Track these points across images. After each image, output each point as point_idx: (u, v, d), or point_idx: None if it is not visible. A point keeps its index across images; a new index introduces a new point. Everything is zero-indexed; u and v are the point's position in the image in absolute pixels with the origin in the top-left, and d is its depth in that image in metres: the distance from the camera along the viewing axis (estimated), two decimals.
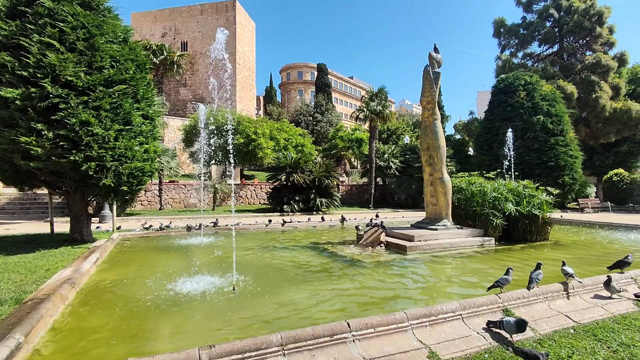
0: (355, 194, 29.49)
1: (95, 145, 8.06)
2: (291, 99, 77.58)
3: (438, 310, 3.81)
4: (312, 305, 4.61)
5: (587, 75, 26.65)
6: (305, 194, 21.71)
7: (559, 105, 19.79)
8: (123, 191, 8.93)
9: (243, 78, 59.38)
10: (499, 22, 32.26)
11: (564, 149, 18.57)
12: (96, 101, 8.23)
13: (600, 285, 4.87)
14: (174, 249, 8.83)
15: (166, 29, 58.54)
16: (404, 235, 8.50)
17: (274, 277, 5.94)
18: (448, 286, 5.68)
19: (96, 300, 4.76)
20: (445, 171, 9.09)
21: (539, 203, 9.27)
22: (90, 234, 10.11)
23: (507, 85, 20.24)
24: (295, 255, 7.86)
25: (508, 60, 31.54)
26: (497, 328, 3.66)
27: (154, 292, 5.05)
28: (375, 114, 24.35)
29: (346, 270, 6.50)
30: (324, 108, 57.42)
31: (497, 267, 6.77)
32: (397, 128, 50.19)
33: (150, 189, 22.71)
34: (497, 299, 4.17)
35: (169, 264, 6.96)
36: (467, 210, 9.68)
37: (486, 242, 8.79)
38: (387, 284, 5.68)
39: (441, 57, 9.47)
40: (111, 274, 6.15)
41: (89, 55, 8.36)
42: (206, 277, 5.79)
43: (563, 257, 7.77)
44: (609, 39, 28.04)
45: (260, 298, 4.84)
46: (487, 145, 20.19)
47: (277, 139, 30.44)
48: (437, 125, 9.13)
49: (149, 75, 10.39)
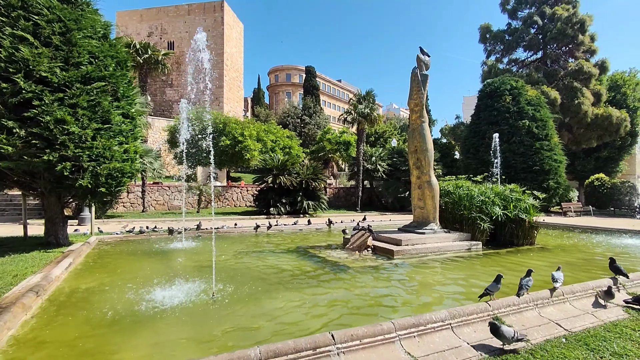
0: (343, 197, 29.36)
1: (72, 144, 7.70)
2: (279, 101, 77.23)
3: (427, 319, 3.64)
4: (295, 314, 4.40)
5: (569, 81, 27.16)
6: (292, 197, 21.44)
7: (544, 110, 20.07)
8: (101, 193, 8.56)
9: (230, 79, 58.81)
10: (485, 28, 32.68)
11: (548, 154, 18.81)
12: (73, 98, 7.88)
13: (590, 291, 4.79)
14: (154, 253, 8.49)
15: (152, 28, 57.59)
16: (392, 239, 8.35)
17: (256, 284, 5.70)
18: (436, 293, 5.53)
19: (63, 310, 4.44)
20: (433, 174, 9.00)
21: (526, 207, 9.26)
22: (66, 237, 9.68)
23: (494, 90, 20.44)
24: (280, 260, 7.62)
25: (494, 66, 31.94)
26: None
27: (127, 300, 4.76)
28: (363, 116, 24.29)
29: (332, 275, 6.30)
30: (312, 110, 57.24)
31: (484, 273, 6.68)
32: (385, 131, 50.45)
33: (133, 190, 22.14)
34: (487, 307, 4.03)
35: (147, 270, 6.64)
36: (455, 213, 9.61)
37: (473, 247, 8.71)
38: (373, 290, 5.49)
39: (429, 59, 9.40)
40: (84, 280, 5.81)
41: (66, 50, 8.00)
42: (185, 284, 5.52)
43: (550, 262, 7.76)
44: (591, 47, 28.66)
45: (240, 306, 4.60)
46: (474, 149, 20.32)
47: (264, 140, 30.10)
48: (425, 128, 9.04)
49: (130, 73, 10.04)
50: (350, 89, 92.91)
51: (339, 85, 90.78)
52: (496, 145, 15.26)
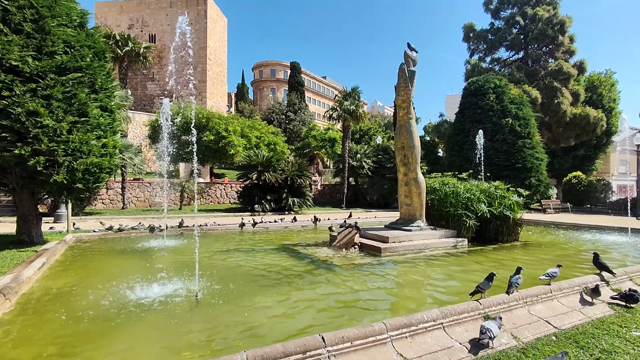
0: (328, 194, 29.27)
1: (45, 138, 7.32)
2: (263, 97, 76.46)
3: (418, 319, 3.56)
4: (282, 315, 4.26)
5: (550, 81, 27.75)
6: (277, 194, 21.21)
7: (526, 109, 20.44)
8: (78, 189, 8.19)
9: (214, 74, 57.81)
10: (468, 27, 33.04)
11: (530, 151, 19.19)
12: (46, 89, 7.48)
13: (577, 288, 4.82)
14: (134, 252, 8.18)
15: (133, 21, 55.98)
16: (378, 237, 8.29)
17: (242, 283, 5.52)
18: (425, 291, 5.48)
19: (33, 313, 4.16)
20: (419, 171, 8.97)
21: (510, 204, 9.35)
22: (40, 235, 9.24)
23: (478, 88, 20.69)
24: (266, 258, 7.45)
25: (477, 65, 32.37)
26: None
27: (105, 302, 4.51)
28: (349, 113, 24.21)
29: (319, 274, 6.18)
30: (297, 107, 56.89)
31: (472, 270, 6.68)
32: (370, 128, 50.60)
33: (113, 186, 21.47)
34: (478, 305, 3.99)
35: (127, 270, 6.37)
36: (440, 210, 9.63)
37: (459, 243, 8.74)
38: (362, 289, 5.40)
39: (416, 55, 9.35)
40: (58, 281, 5.51)
41: (38, 38, 7.59)
42: (167, 284, 5.29)
43: (535, 258, 7.85)
44: (570, 48, 29.36)
45: (225, 307, 4.42)
46: (458, 146, 20.54)
47: (248, 136, 29.67)
48: (412, 125, 9.00)
49: (109, 64, 9.63)
50: (335, 85, 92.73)
51: (324, 82, 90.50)
52: (480, 143, 15.45)
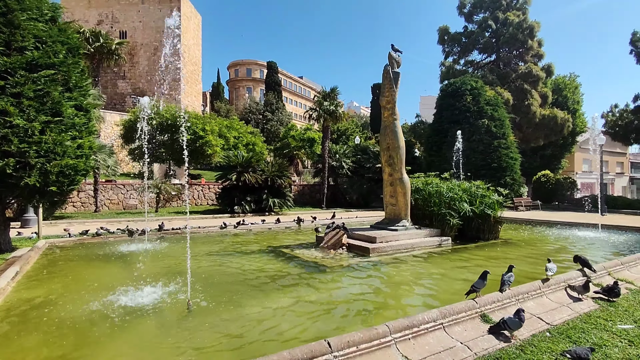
0: (308, 194, 29.19)
1: (15, 138, 6.91)
2: (239, 97, 75.43)
3: (420, 320, 3.57)
4: (279, 321, 4.17)
5: (520, 83, 28.84)
6: (257, 195, 20.95)
7: (501, 110, 21.15)
8: (51, 192, 7.76)
9: (188, 72, 56.46)
10: (443, 29, 33.82)
11: (505, 151, 19.88)
12: (16, 87, 7.06)
13: (562, 284, 4.99)
14: (114, 258, 7.83)
15: (102, 16, 53.81)
16: (366, 237, 8.32)
17: (232, 288, 5.39)
18: (418, 290, 5.51)
19: (6, 331, 3.88)
20: (404, 171, 9.07)
21: (491, 203, 9.62)
22: (8, 241, 8.72)
23: (455, 90, 21.22)
24: (253, 261, 7.31)
25: (451, 67, 33.20)
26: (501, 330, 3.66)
27: (86, 313, 4.27)
28: (329, 113, 24.25)
29: (310, 276, 6.12)
30: (274, 107, 56.45)
31: (460, 267, 6.81)
32: (347, 129, 50.97)
33: (84, 189, 20.55)
34: (475, 304, 4.05)
35: (108, 277, 6.08)
36: (424, 210, 9.78)
37: (444, 242, 8.91)
38: (356, 290, 5.38)
39: (400, 57, 9.45)
40: (33, 292, 5.18)
41: (7, 33, 7.17)
42: (154, 292, 5.08)
43: (517, 255, 8.09)
44: (539, 51, 30.61)
45: (218, 315, 4.29)
46: (437, 146, 21.00)
47: (226, 137, 29.17)
48: (397, 125, 9.08)
49: (82, 61, 9.18)
50: (312, 85, 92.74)
51: (301, 82, 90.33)
52: (459, 143, 15.85)
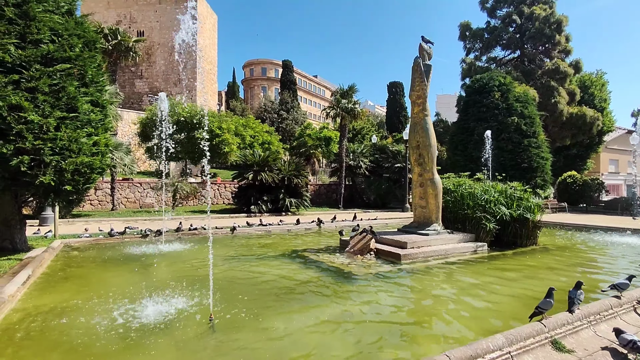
0: (324, 194, 28.69)
1: (30, 135, 6.59)
2: (254, 96, 75.52)
3: (484, 348, 3.01)
4: (316, 340, 3.66)
5: (547, 80, 27.65)
6: (273, 194, 20.55)
7: (531, 107, 20.15)
8: (67, 191, 7.44)
9: (204, 72, 56.64)
10: (464, 25, 32.79)
11: (536, 151, 18.90)
12: (31, 81, 6.74)
13: (635, 302, 4.34)
14: (130, 260, 7.46)
15: (121, 17, 54.42)
16: (395, 242, 7.74)
17: (258, 300, 4.89)
18: (465, 306, 4.83)
19: (17, 345, 3.48)
20: (436, 171, 8.46)
21: (530, 206, 8.91)
22: (24, 241, 8.47)
23: (482, 86, 20.32)
24: (277, 267, 6.83)
25: (473, 64, 32.11)
26: None
27: (101, 326, 3.85)
28: (347, 111, 23.67)
29: (341, 286, 5.58)
30: (289, 105, 56.09)
31: (502, 277, 6.18)
32: (362, 128, 50.26)
33: (102, 187, 20.51)
34: (543, 327, 3.45)
35: (125, 283, 5.68)
36: (456, 213, 9.14)
37: (479, 248, 8.25)
38: (393, 304, 4.82)
39: (432, 48, 8.83)
40: (46, 299, 4.80)
41: (22, 25, 6.85)
42: (172, 302, 4.64)
43: (565, 264, 7.39)
44: (566, 47, 29.32)
45: (245, 332, 3.80)
46: (462, 145, 20.15)
47: (242, 135, 28.91)
48: (428, 122, 8.47)
49: (99, 55, 8.86)
50: (326, 84, 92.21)
51: (315, 81, 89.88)
52: (488, 142, 15.08)
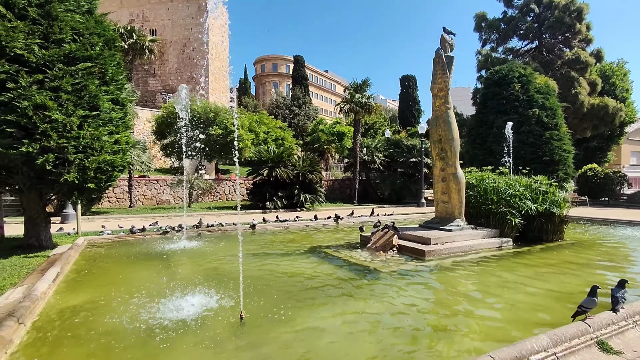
0: (337, 189, 28.57)
1: (55, 133, 6.66)
2: (266, 92, 75.66)
3: (529, 349, 2.89)
4: (347, 339, 3.59)
5: (566, 71, 26.87)
6: (288, 190, 20.53)
7: (553, 99, 19.57)
8: (90, 189, 7.53)
9: (215, 69, 56.82)
10: (480, 16, 32.04)
11: (558, 143, 18.37)
12: (54, 81, 6.80)
13: None
14: (153, 257, 7.51)
15: (133, 16, 54.93)
16: (418, 238, 7.61)
17: (283, 296, 4.85)
18: (494, 303, 4.74)
19: (52, 344, 3.49)
20: (459, 166, 8.26)
21: (557, 200, 8.65)
22: (49, 238, 8.62)
23: (501, 78, 19.80)
24: (298, 263, 6.78)
25: (489, 55, 31.39)
26: None
27: (130, 324, 3.85)
28: (361, 106, 23.43)
29: (366, 283, 5.49)
30: (301, 101, 55.97)
31: (532, 274, 5.99)
32: (375, 122, 49.87)
33: (119, 184, 20.79)
34: (588, 328, 3.31)
35: (150, 280, 5.71)
36: (479, 208, 8.93)
37: (504, 244, 8.05)
38: (422, 302, 4.73)
39: (453, 39, 8.61)
40: (75, 297, 4.85)
41: (45, 25, 6.90)
42: (199, 299, 4.63)
43: (591, 259, 7.16)
44: (587, 36, 28.40)
45: (275, 330, 3.76)
46: (481, 139, 19.71)
47: (256, 131, 28.95)
48: (450, 115, 8.28)
49: (119, 53, 8.92)
50: (338, 79, 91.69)
51: (326, 76, 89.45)
52: (509, 135, 14.72)
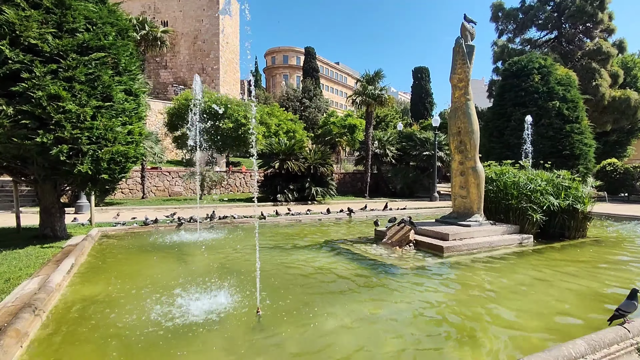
0: (349, 182, 28.39)
1: (68, 124, 6.61)
2: (276, 84, 75.41)
3: (565, 355, 2.71)
4: (370, 338, 3.45)
5: (587, 62, 26.03)
6: (299, 183, 20.45)
7: (574, 91, 18.90)
8: (103, 180, 7.51)
9: (227, 61, 56.75)
10: (497, 5, 31.20)
11: (579, 137, 17.77)
12: (68, 71, 6.73)
13: None
14: (166, 249, 7.47)
15: (145, 7, 55.03)
16: (436, 233, 7.41)
17: (300, 292, 4.73)
18: (521, 303, 4.49)
19: (70, 337, 3.44)
20: (478, 159, 8.00)
21: (580, 196, 8.33)
22: (64, 228, 8.66)
23: (520, 69, 19.18)
24: (311, 258, 6.65)
25: (505, 46, 30.60)
26: None
27: (145, 318, 3.77)
28: (374, 98, 23.06)
29: (383, 280, 5.33)
30: (312, 93, 55.54)
31: (560, 273, 5.73)
32: (387, 115, 49.38)
33: (132, 175, 20.96)
34: (627, 333, 3.11)
35: (164, 273, 5.65)
36: (498, 203, 8.67)
37: (525, 240, 7.80)
38: (444, 300, 4.56)
39: (474, 28, 8.29)
40: (90, 288, 4.81)
41: (58, 14, 6.82)
42: (214, 293, 4.54)
43: (618, 258, 6.89)
44: (609, 26, 27.40)
45: (293, 328, 3.63)
46: (498, 132, 19.19)
47: (267, 124, 28.85)
48: (470, 107, 8.00)
49: (132, 43, 8.82)
50: (349, 71, 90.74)
51: (337, 68, 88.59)
52: (528, 128, 14.28)
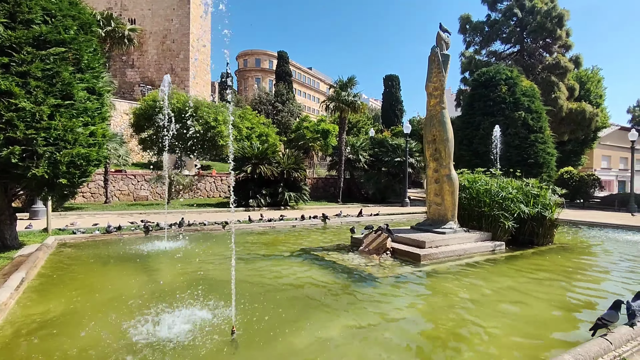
0: (321, 188, 28.28)
1: (21, 123, 6.05)
2: (248, 87, 74.57)
3: None
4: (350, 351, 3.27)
5: (547, 75, 27.44)
6: (272, 188, 20.08)
7: (538, 102, 19.87)
8: (61, 184, 6.92)
9: (197, 62, 55.42)
10: (465, 18, 32.34)
11: (542, 146, 18.67)
12: (22, 65, 6.18)
13: None
14: (132, 260, 6.96)
15: (111, 4, 52.69)
16: (412, 241, 7.38)
17: (278, 307, 4.46)
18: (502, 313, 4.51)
19: None
20: (452, 167, 8.09)
21: (548, 203, 8.61)
22: (15, 237, 7.93)
23: (488, 79, 19.94)
24: (286, 268, 6.41)
25: (472, 57, 31.75)
26: None
27: (107, 340, 3.41)
28: (347, 104, 23.16)
29: (360, 292, 5.14)
30: (284, 97, 55.25)
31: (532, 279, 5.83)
32: (359, 121, 49.92)
33: (94, 179, 19.78)
34: (609, 345, 3.11)
35: (129, 287, 5.21)
36: (471, 210, 8.80)
37: (497, 248, 7.94)
38: (425, 313, 4.46)
39: (449, 37, 8.41)
40: (42, 306, 4.32)
41: (11, 2, 6.26)
42: (184, 311, 4.20)
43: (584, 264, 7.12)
44: (567, 42, 29.08)
45: (270, 350, 3.39)
46: (467, 140, 19.80)
47: (239, 127, 28.26)
48: (445, 115, 8.08)
49: (95, 39, 8.27)
50: (321, 77, 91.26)
51: (310, 73, 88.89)
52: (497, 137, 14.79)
